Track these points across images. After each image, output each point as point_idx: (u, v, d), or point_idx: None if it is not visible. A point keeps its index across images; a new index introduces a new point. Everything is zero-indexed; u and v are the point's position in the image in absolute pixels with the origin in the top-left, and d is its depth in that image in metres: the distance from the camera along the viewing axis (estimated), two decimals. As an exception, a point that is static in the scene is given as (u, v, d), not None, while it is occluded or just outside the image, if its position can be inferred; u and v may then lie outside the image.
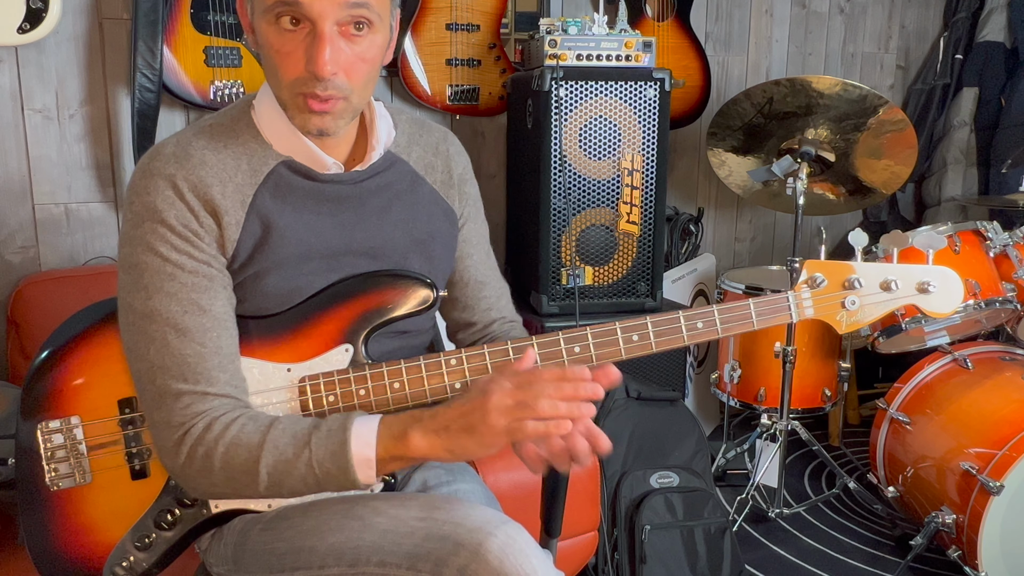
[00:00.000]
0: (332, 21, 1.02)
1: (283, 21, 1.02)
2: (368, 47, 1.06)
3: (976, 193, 3.22)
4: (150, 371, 1.06)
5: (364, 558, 1.06)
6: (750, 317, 1.18)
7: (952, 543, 2.04)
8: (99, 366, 1.16)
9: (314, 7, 1.00)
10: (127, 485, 1.15)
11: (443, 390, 1.13)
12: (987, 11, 3.20)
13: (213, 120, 1.15)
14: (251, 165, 1.12)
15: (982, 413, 2.08)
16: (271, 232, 1.11)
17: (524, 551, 1.00)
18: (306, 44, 1.02)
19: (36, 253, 2.22)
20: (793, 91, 2.35)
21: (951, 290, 1.21)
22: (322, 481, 1.03)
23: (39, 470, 1.14)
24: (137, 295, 1.07)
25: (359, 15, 1.03)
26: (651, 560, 1.99)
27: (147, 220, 1.07)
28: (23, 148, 2.17)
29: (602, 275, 2.37)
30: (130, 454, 1.15)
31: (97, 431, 1.15)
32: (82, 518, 1.15)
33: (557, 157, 2.26)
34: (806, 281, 1.20)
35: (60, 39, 2.15)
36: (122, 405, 1.15)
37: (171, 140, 1.11)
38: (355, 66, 1.06)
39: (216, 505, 1.15)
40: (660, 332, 1.15)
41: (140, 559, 1.14)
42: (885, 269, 1.20)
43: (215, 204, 1.08)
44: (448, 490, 1.24)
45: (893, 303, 1.21)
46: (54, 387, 1.15)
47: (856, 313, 1.19)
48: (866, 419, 3.05)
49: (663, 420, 2.18)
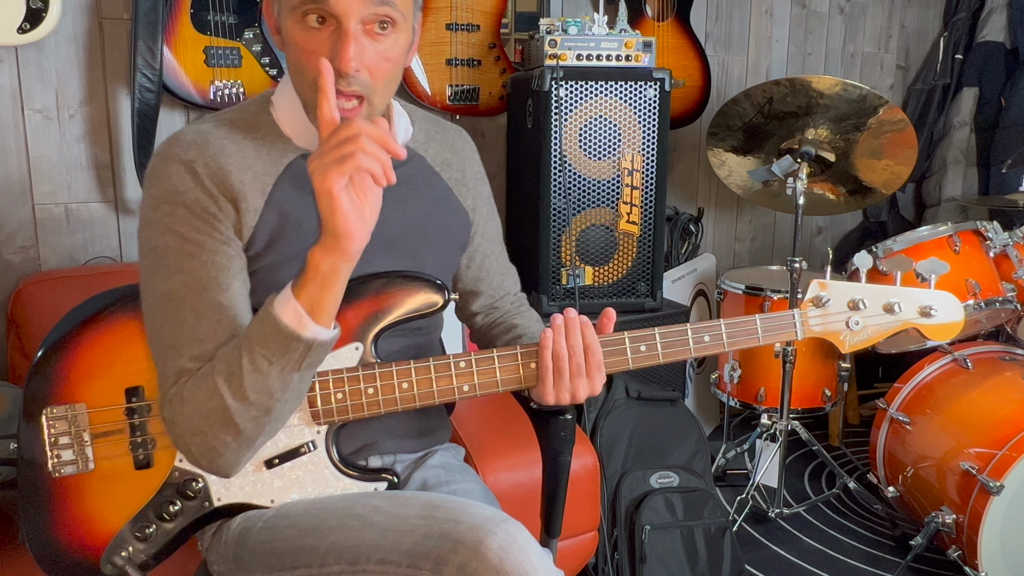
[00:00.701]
0: (357, 19, 1.03)
1: (309, 19, 1.04)
2: (391, 46, 1.08)
3: (976, 193, 3.22)
4: (163, 352, 1.07)
5: (364, 556, 1.06)
6: (756, 333, 1.20)
7: (952, 543, 2.04)
8: (107, 354, 1.16)
9: (340, 4, 1.02)
10: (130, 474, 1.15)
11: (451, 391, 1.14)
12: (987, 11, 3.20)
13: (231, 114, 1.16)
14: (271, 156, 1.13)
15: (982, 413, 2.08)
16: (288, 223, 1.13)
17: (524, 549, 1.00)
18: (331, 41, 1.04)
19: (36, 253, 2.22)
20: (793, 91, 2.35)
21: (952, 315, 1.24)
22: (270, 355, 1.01)
23: (42, 456, 1.14)
24: (157, 276, 1.08)
25: (384, 14, 1.05)
26: (651, 560, 1.99)
27: (166, 202, 1.08)
28: (23, 148, 2.17)
29: (602, 275, 2.37)
30: (135, 443, 1.15)
31: (102, 419, 1.15)
32: (83, 506, 1.15)
33: (557, 157, 2.26)
34: (812, 300, 1.22)
35: (60, 39, 2.15)
36: (128, 394, 1.15)
37: (190, 129, 1.12)
38: (378, 65, 1.07)
39: (219, 498, 1.15)
40: (668, 344, 1.17)
41: (139, 550, 1.14)
42: (889, 292, 1.23)
43: (234, 190, 1.09)
44: (448, 490, 1.24)
45: (895, 324, 1.23)
46: (61, 373, 1.15)
47: (859, 333, 1.22)
48: (866, 419, 3.05)
49: (663, 420, 2.18)
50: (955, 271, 2.22)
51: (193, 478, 1.15)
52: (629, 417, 2.15)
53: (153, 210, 1.09)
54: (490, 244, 1.38)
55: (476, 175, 1.34)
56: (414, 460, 1.32)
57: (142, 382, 1.15)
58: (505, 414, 1.87)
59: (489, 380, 1.14)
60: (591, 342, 1.12)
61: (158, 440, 1.15)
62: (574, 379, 1.11)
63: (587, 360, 1.12)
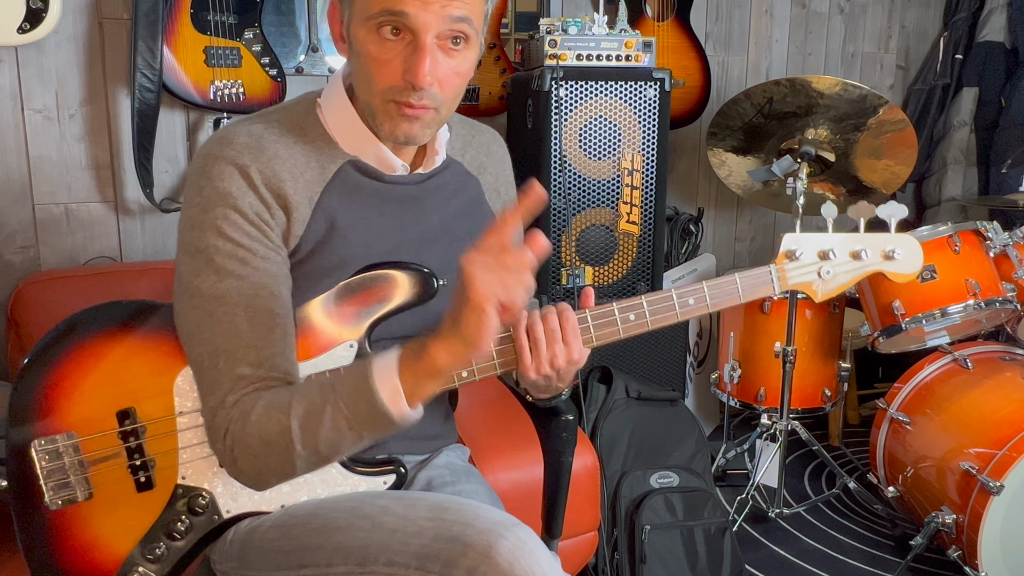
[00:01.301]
0: (434, 34, 1.04)
1: (384, 30, 1.04)
2: (462, 62, 1.08)
3: (976, 193, 3.22)
4: (213, 355, 1.06)
5: (372, 557, 1.05)
6: (736, 291, 1.24)
7: (952, 543, 2.04)
8: (93, 377, 1.12)
9: (419, 19, 1.02)
10: (132, 497, 1.13)
11: (451, 378, 1.12)
12: (987, 11, 3.20)
13: (279, 115, 1.15)
14: (319, 163, 1.13)
15: (982, 413, 2.08)
16: (334, 233, 1.12)
17: (534, 554, 0.99)
18: (405, 54, 1.04)
19: (36, 253, 2.22)
20: (793, 91, 2.35)
21: (912, 255, 1.28)
22: (353, 421, 1.00)
23: (36, 491, 1.10)
24: (207, 278, 1.06)
25: (460, 30, 1.05)
26: (651, 560, 1.99)
27: (219, 205, 1.06)
28: (23, 148, 2.17)
29: (602, 275, 2.37)
30: (133, 466, 1.12)
31: (95, 445, 1.11)
32: (86, 535, 1.12)
33: (557, 157, 2.26)
34: (786, 253, 1.26)
35: (60, 39, 2.15)
36: (121, 417, 1.12)
37: (241, 129, 1.10)
38: (449, 79, 1.08)
39: (227, 510, 1.15)
40: (656, 311, 1.17)
41: (152, 571, 1.13)
42: (855, 239, 1.27)
43: (287, 198, 1.09)
44: (453, 491, 1.24)
45: (862, 270, 1.27)
46: (46, 402, 1.11)
47: (830, 282, 1.26)
48: (866, 419, 3.05)
49: (663, 420, 2.18)
50: (955, 271, 2.22)
51: (199, 493, 1.14)
52: (629, 417, 2.15)
53: (204, 211, 1.07)
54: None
55: (507, 179, 1.35)
56: (419, 460, 1.32)
57: (133, 403, 1.12)
58: (505, 414, 1.88)
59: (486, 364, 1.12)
60: (563, 309, 1.11)
61: (157, 460, 1.13)
62: (551, 345, 1.09)
63: (561, 325, 1.10)
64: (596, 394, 2.19)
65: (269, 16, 2.32)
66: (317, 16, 2.42)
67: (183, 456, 1.14)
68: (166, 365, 1.14)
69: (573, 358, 1.11)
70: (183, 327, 1.09)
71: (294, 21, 2.41)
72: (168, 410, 1.14)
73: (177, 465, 1.14)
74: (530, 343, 1.10)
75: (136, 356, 1.14)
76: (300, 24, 2.41)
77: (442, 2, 1.02)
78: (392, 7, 1.02)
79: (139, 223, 2.31)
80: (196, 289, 1.07)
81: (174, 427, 1.14)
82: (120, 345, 1.13)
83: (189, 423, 1.14)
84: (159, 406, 1.13)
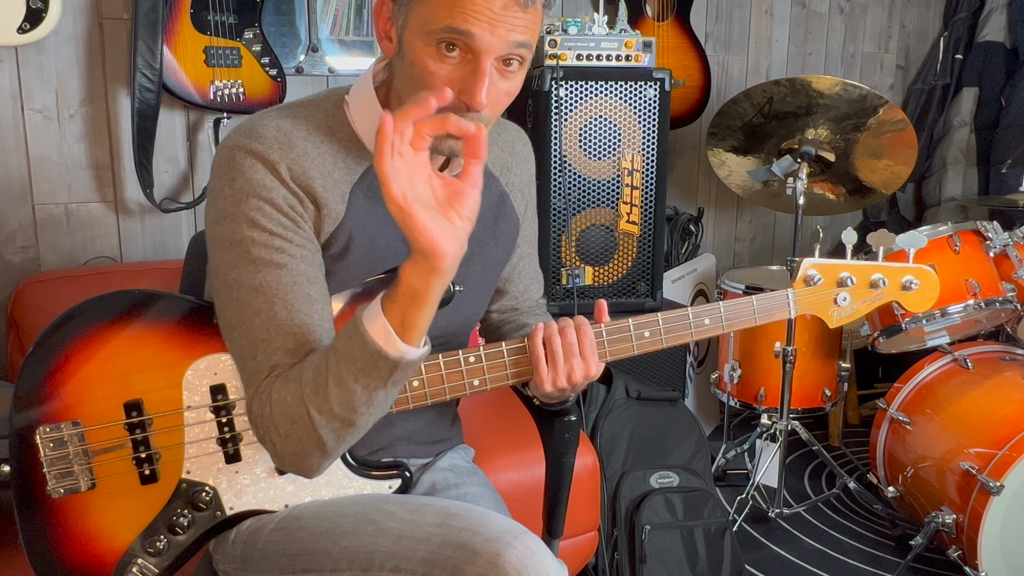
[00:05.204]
0: (494, 57, 1.02)
1: (443, 47, 1.02)
2: (514, 83, 1.07)
3: (976, 193, 3.23)
4: (252, 345, 1.05)
5: (378, 563, 1.05)
6: (752, 313, 1.24)
7: (952, 543, 2.04)
8: (101, 366, 1.12)
9: (484, 41, 1.00)
10: (136, 489, 1.13)
11: (462, 387, 1.13)
12: (987, 11, 3.20)
13: (306, 111, 1.13)
14: (347, 163, 1.12)
15: (982, 413, 2.08)
16: (358, 234, 1.12)
17: (543, 563, 0.99)
18: (463, 72, 1.02)
19: (36, 253, 2.22)
20: (793, 91, 2.35)
21: (931, 289, 1.31)
22: (357, 372, 0.98)
23: (38, 478, 1.10)
24: (244, 269, 1.06)
25: (519, 54, 1.04)
26: (651, 560, 1.99)
27: (252, 197, 1.05)
28: (23, 148, 2.17)
29: (602, 275, 2.37)
30: (138, 459, 1.12)
31: (101, 436, 1.11)
32: (87, 525, 1.12)
33: (557, 157, 2.26)
34: (804, 278, 1.27)
35: (60, 39, 2.15)
36: (128, 408, 1.12)
37: (269, 123, 1.09)
38: (500, 99, 1.07)
39: (231, 507, 1.15)
40: (671, 328, 1.18)
41: (151, 564, 1.12)
42: (874, 268, 1.28)
43: (316, 195, 1.08)
44: (456, 493, 1.23)
45: (879, 300, 1.29)
46: (52, 389, 1.10)
47: (846, 308, 1.28)
48: (866, 419, 3.05)
49: (663, 420, 2.18)
50: (955, 271, 2.22)
51: (202, 488, 1.14)
52: (629, 417, 2.15)
53: (237, 204, 1.06)
54: (528, 247, 1.37)
55: (530, 179, 1.35)
56: (423, 463, 1.31)
57: (141, 395, 1.12)
58: (507, 414, 1.88)
59: (499, 374, 1.13)
60: (581, 323, 1.12)
61: (163, 453, 1.13)
62: (568, 359, 1.10)
63: (579, 340, 1.11)
64: (596, 394, 2.19)
65: (269, 16, 2.32)
66: (317, 16, 2.42)
67: (188, 451, 1.14)
68: (176, 358, 1.13)
69: (591, 373, 1.12)
70: (224, 320, 1.09)
71: (294, 21, 2.40)
72: (176, 404, 1.13)
73: (182, 459, 1.14)
74: (547, 355, 1.10)
75: (146, 347, 1.13)
76: (300, 24, 2.41)
77: (508, 26, 1.00)
78: (459, 26, 0.99)
79: (139, 223, 2.31)
80: (235, 281, 1.06)
81: (181, 421, 1.13)
82: (129, 335, 1.12)
83: (196, 418, 1.14)
84: (167, 399, 1.13)
